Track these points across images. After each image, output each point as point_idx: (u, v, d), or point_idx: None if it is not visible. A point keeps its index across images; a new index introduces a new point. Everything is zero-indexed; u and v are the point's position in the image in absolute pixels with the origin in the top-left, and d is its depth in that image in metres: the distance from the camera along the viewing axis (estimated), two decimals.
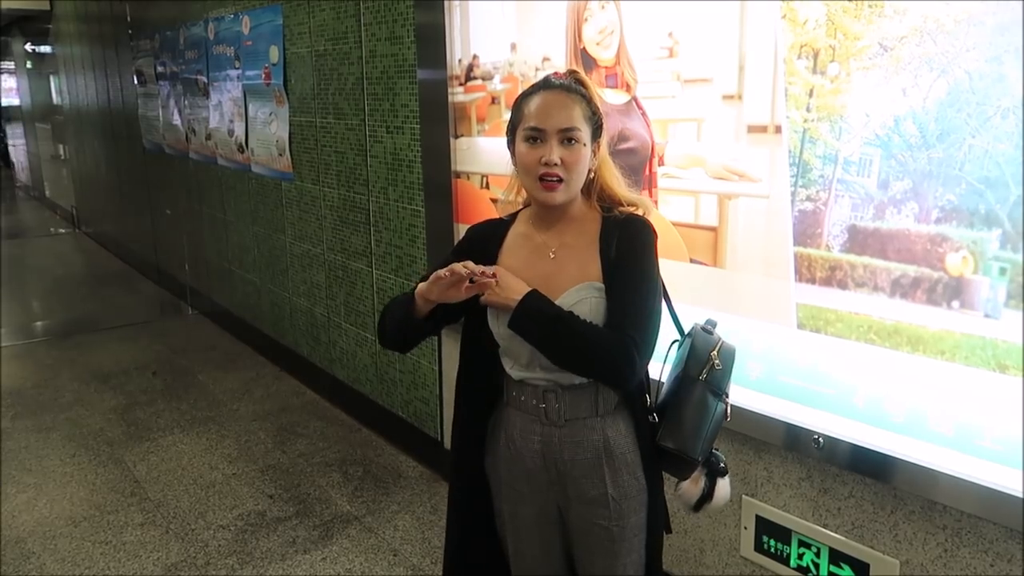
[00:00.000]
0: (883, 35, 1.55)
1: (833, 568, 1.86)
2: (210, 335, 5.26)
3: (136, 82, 6.21)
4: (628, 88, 2.08)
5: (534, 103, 1.40)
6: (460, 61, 2.69)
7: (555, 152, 1.36)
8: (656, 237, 1.45)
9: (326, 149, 3.63)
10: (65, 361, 4.78)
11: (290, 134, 3.92)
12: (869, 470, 1.73)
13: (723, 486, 1.52)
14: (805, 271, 1.76)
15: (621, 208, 1.48)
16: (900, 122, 1.55)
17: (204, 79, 4.84)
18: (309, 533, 2.83)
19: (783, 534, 1.95)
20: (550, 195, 1.39)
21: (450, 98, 2.75)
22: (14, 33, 12.03)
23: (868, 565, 1.79)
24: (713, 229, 1.94)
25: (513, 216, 1.57)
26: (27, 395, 4.22)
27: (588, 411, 1.45)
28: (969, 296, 1.50)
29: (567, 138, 1.37)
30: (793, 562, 1.94)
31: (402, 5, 2.93)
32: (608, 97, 2.13)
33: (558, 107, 1.38)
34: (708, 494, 1.51)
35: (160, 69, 5.63)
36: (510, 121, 1.46)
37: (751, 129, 1.83)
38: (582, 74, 1.47)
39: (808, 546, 1.90)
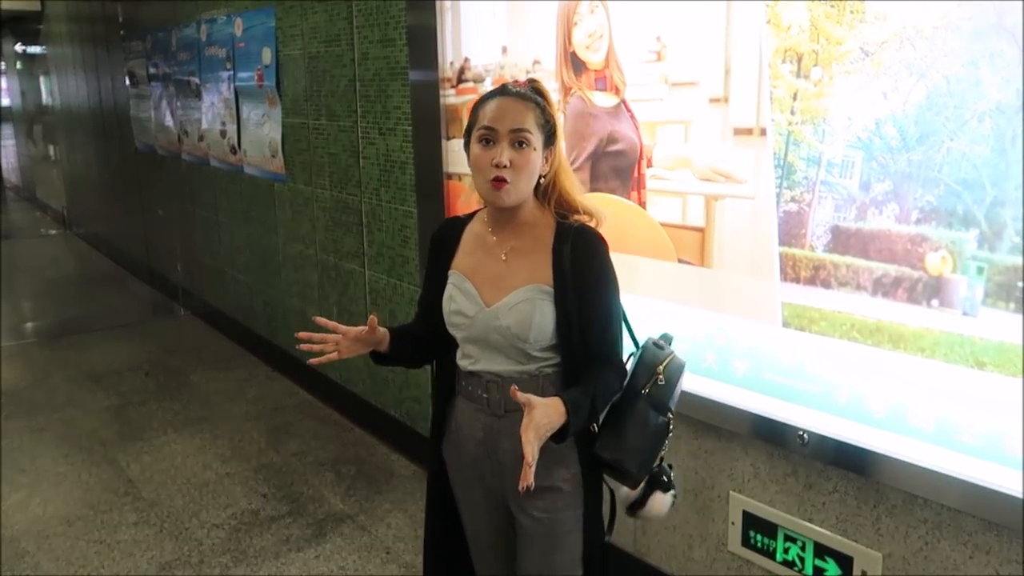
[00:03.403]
0: (864, 40, 1.59)
1: (818, 562, 1.89)
2: (202, 336, 5.27)
3: (128, 83, 6.22)
4: (617, 91, 2.12)
5: (489, 107, 1.44)
6: (452, 63, 2.72)
7: (505, 153, 1.40)
8: (607, 248, 1.50)
9: (319, 151, 3.65)
10: (57, 362, 4.78)
11: (283, 135, 3.94)
12: (852, 465, 1.76)
13: (659, 499, 1.55)
14: (790, 270, 1.79)
15: (576, 216, 1.53)
16: (881, 125, 1.59)
17: (197, 80, 4.85)
18: (302, 532, 2.86)
19: (769, 529, 1.98)
20: (498, 195, 1.42)
21: (442, 100, 2.78)
22: (4, 34, 11.98)
23: (852, 559, 1.82)
24: (700, 229, 1.98)
25: (471, 214, 1.62)
26: (20, 396, 4.23)
27: None
28: (948, 295, 1.54)
29: (518, 140, 1.41)
30: (779, 556, 1.97)
31: (394, 7, 2.96)
32: (597, 100, 2.16)
33: (511, 111, 1.42)
34: (640, 501, 1.55)
35: (152, 70, 5.63)
36: (467, 125, 1.50)
37: (737, 131, 1.86)
38: (541, 83, 1.51)
39: (794, 540, 1.94)
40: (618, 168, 2.14)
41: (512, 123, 1.41)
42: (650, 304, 2.12)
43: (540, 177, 1.48)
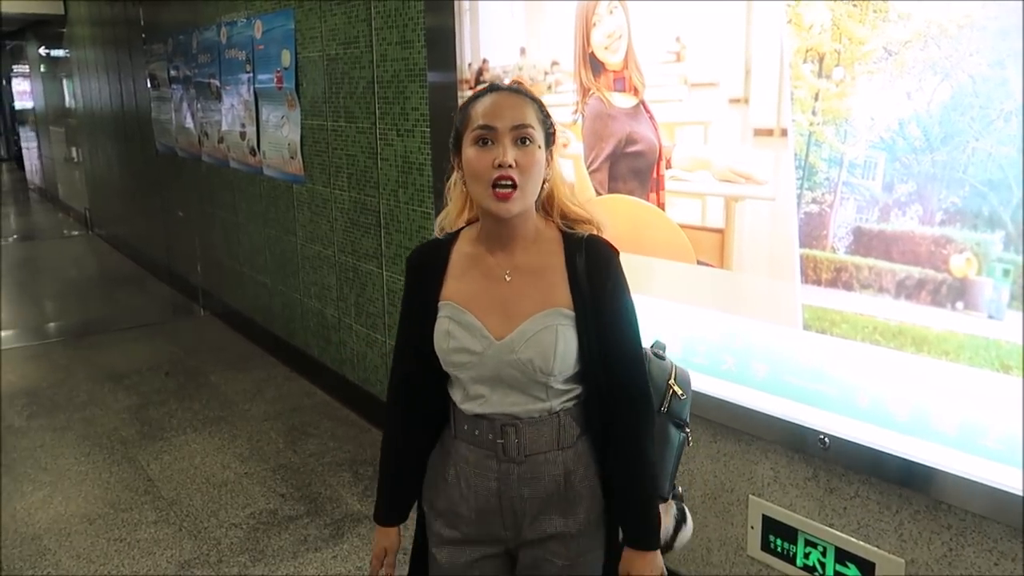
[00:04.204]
0: (887, 40, 1.57)
1: (839, 567, 1.87)
2: (222, 336, 5.31)
3: (149, 86, 6.28)
4: (636, 92, 2.11)
5: (483, 104, 1.28)
6: (470, 65, 2.72)
7: (509, 152, 1.24)
8: (619, 257, 1.37)
9: (337, 152, 3.67)
10: (79, 361, 4.83)
11: (302, 137, 3.96)
12: (874, 470, 1.74)
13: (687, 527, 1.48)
14: (811, 273, 1.77)
15: (580, 226, 1.38)
16: (904, 125, 1.57)
17: (217, 83, 4.89)
18: (320, 532, 2.86)
19: (789, 533, 1.97)
20: (504, 206, 1.25)
21: (460, 102, 2.78)
22: (28, 37, 12.15)
23: (874, 564, 1.80)
24: (720, 231, 1.96)
25: (453, 235, 1.41)
26: (42, 395, 4.28)
27: (549, 445, 1.35)
28: (973, 297, 1.52)
29: (521, 137, 1.26)
30: (799, 561, 1.95)
31: (412, 9, 2.96)
32: (616, 101, 2.15)
33: (509, 105, 1.27)
34: (682, 517, 1.46)
35: (173, 73, 5.69)
36: (455, 129, 1.33)
37: (757, 132, 1.85)
38: (526, 85, 1.41)
39: (814, 545, 1.92)
40: (637, 169, 2.13)
41: (513, 119, 1.25)
42: (668, 306, 2.11)
43: (543, 182, 1.32)
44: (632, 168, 2.15)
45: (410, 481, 1.48)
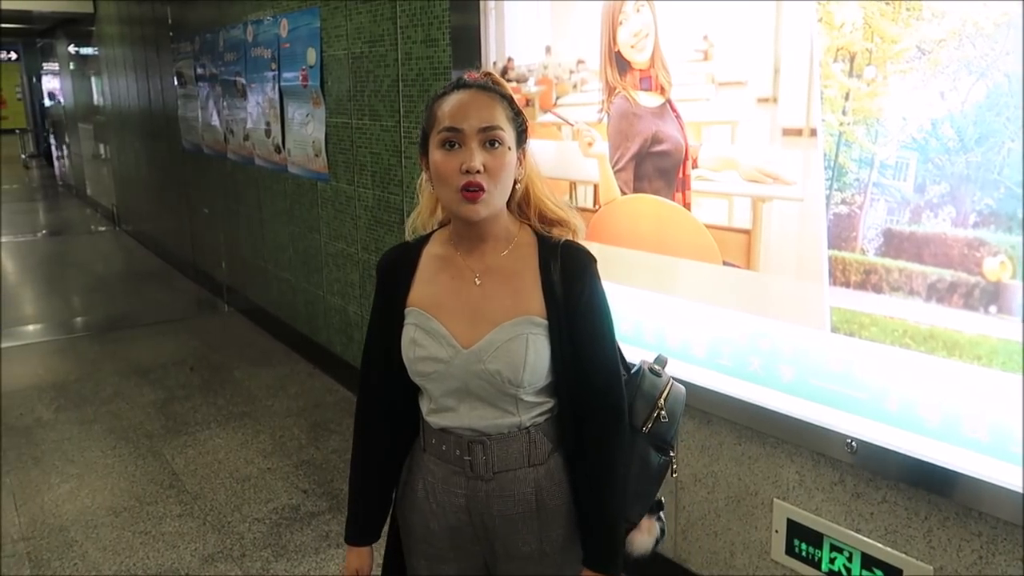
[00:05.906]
0: (921, 38, 1.55)
1: (865, 573, 1.85)
2: (246, 332, 5.35)
3: (176, 83, 6.34)
4: (662, 91, 2.09)
5: (448, 103, 1.22)
6: (495, 63, 2.72)
7: (476, 157, 1.18)
8: (596, 264, 1.31)
9: (361, 150, 3.68)
10: (106, 356, 4.90)
11: (326, 135, 3.98)
12: (903, 475, 1.72)
13: (639, 537, 1.41)
14: (839, 275, 1.75)
15: (556, 229, 1.32)
16: (937, 125, 1.54)
17: (243, 81, 4.93)
18: (342, 528, 2.85)
19: (815, 538, 1.94)
20: (473, 208, 1.19)
21: None
22: (58, 35, 12.32)
23: (901, 571, 1.77)
24: (746, 232, 1.94)
25: (424, 237, 1.36)
26: (69, 388, 4.34)
27: (519, 462, 1.29)
28: (1007, 301, 1.49)
29: (489, 139, 1.19)
30: (825, 566, 1.93)
31: (438, 8, 2.97)
32: (642, 100, 2.14)
33: (476, 106, 1.20)
34: (661, 533, 1.42)
35: (200, 71, 5.74)
36: (421, 128, 1.28)
37: (786, 132, 1.83)
38: (497, 76, 1.30)
39: (840, 550, 1.89)
40: (663, 169, 2.12)
41: (480, 120, 1.19)
42: (694, 307, 2.10)
43: (515, 183, 1.26)
44: (658, 167, 2.13)
45: (381, 498, 1.44)
